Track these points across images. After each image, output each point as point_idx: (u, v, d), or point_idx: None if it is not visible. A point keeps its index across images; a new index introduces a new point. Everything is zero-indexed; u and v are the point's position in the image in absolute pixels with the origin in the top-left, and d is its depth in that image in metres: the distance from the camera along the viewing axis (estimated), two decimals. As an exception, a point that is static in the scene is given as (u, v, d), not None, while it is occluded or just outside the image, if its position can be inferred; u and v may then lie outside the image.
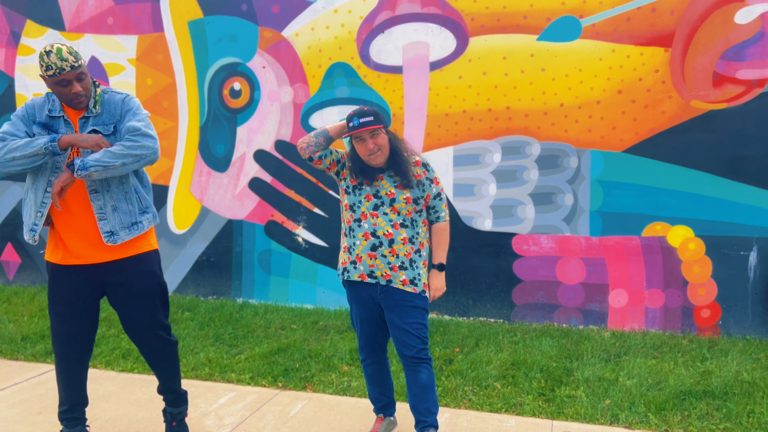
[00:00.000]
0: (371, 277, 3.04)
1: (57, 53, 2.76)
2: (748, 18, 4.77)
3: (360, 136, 2.96)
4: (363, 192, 3.05)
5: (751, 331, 4.90)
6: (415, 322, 3.03)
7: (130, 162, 2.82)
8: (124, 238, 2.95)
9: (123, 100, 2.97)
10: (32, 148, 2.82)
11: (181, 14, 6.06)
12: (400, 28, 5.50)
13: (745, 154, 4.83)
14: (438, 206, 3.10)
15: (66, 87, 2.82)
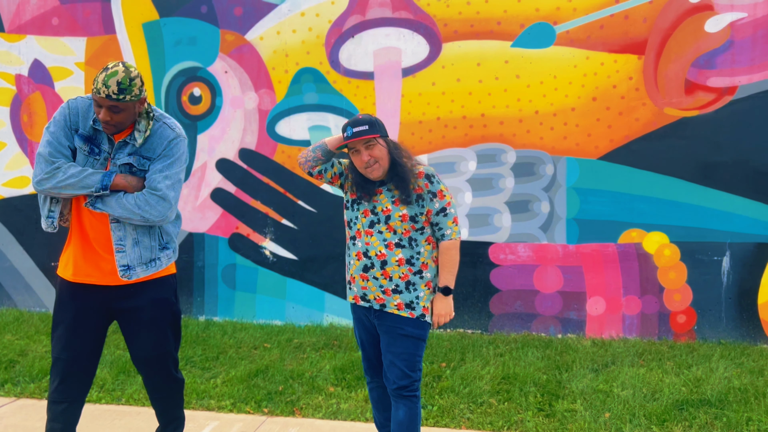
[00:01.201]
0: (364, 300, 2.83)
1: (108, 76, 2.49)
2: (718, 27, 4.84)
3: (355, 147, 2.73)
4: (361, 207, 2.83)
5: (725, 335, 4.96)
6: (403, 353, 2.77)
7: (136, 221, 2.65)
8: (139, 275, 2.72)
9: (170, 141, 2.69)
10: (84, 188, 2.60)
11: (135, 15, 5.70)
12: (370, 33, 5.33)
13: (717, 161, 4.90)
14: (442, 223, 2.78)
15: (96, 107, 2.56)
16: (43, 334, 5.04)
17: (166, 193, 2.63)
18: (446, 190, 2.81)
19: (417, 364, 2.80)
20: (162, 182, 2.63)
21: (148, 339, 2.76)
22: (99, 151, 2.67)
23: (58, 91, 5.85)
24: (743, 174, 4.86)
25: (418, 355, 2.81)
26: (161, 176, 2.64)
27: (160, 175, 2.64)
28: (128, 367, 4.23)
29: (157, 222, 2.65)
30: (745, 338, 4.92)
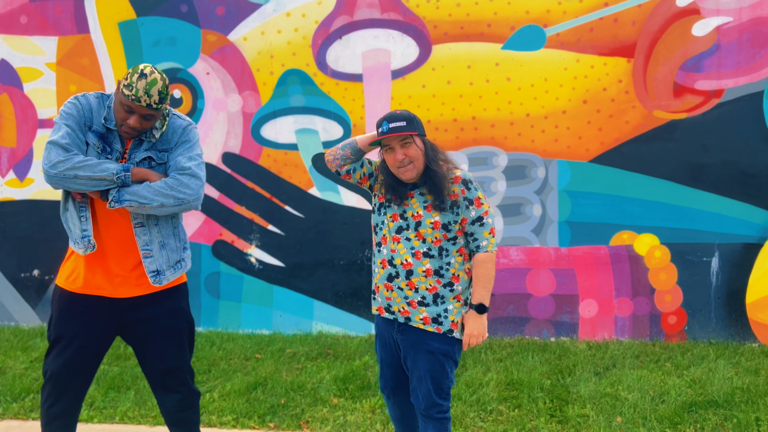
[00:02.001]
0: (388, 311, 2.66)
1: (149, 84, 2.37)
2: (705, 30, 4.91)
3: (389, 145, 2.55)
4: (389, 211, 2.65)
5: (715, 335, 5.02)
6: (430, 370, 2.60)
7: (170, 204, 2.48)
8: (169, 278, 2.60)
9: (184, 129, 2.60)
10: (101, 172, 2.41)
11: (110, 14, 5.46)
12: (358, 34, 5.23)
13: (705, 163, 4.96)
14: (478, 233, 2.59)
15: (126, 113, 2.43)
16: (18, 350, 4.76)
17: (195, 171, 2.53)
18: (484, 198, 2.62)
19: (445, 384, 2.63)
20: (188, 162, 2.53)
21: (164, 349, 2.62)
22: (111, 150, 2.54)
23: (27, 93, 5.57)
24: (731, 175, 4.93)
25: (446, 375, 2.63)
26: (185, 158, 2.54)
27: (184, 157, 2.54)
28: (118, 383, 4.02)
29: (192, 203, 2.51)
30: (734, 338, 4.99)
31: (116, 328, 2.61)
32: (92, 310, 2.56)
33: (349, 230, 5.32)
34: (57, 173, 2.42)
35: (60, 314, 2.59)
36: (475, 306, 2.59)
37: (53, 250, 5.54)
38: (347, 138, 5.22)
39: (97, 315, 2.57)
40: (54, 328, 2.59)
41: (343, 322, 5.36)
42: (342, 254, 5.34)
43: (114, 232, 2.54)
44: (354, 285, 5.34)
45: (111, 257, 2.54)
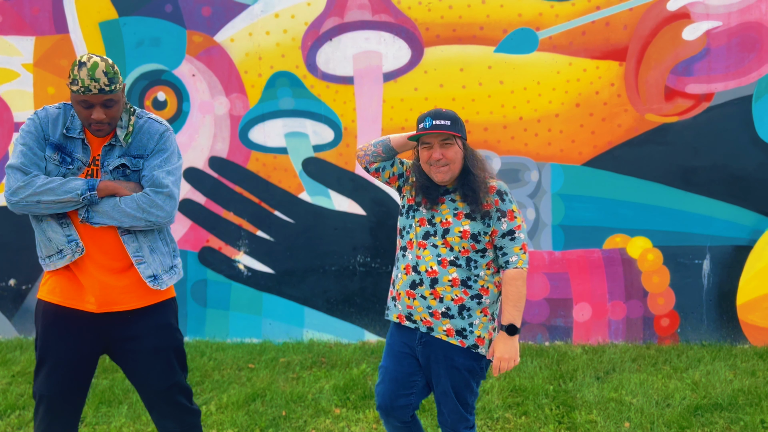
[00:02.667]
0: (409, 320, 2.53)
1: (90, 69, 2.21)
2: (695, 34, 4.94)
3: (428, 142, 2.44)
4: (417, 215, 2.54)
5: (707, 337, 5.05)
6: (454, 386, 2.48)
7: (140, 226, 2.36)
8: (167, 283, 2.47)
9: (162, 134, 2.44)
10: (66, 195, 2.27)
11: (90, 14, 5.27)
12: (349, 36, 5.14)
13: (696, 166, 4.99)
14: (508, 248, 2.45)
15: (87, 109, 2.27)
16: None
17: (172, 190, 2.38)
18: (518, 212, 2.51)
19: (470, 399, 2.54)
20: (166, 178, 2.38)
21: (153, 370, 2.47)
22: (71, 159, 2.37)
23: (2, 95, 5.33)
24: (721, 178, 4.98)
25: (471, 390, 2.53)
26: (163, 172, 2.38)
27: (162, 171, 2.38)
28: (109, 397, 3.85)
29: (164, 224, 2.39)
30: (725, 339, 5.03)
31: (103, 344, 2.47)
32: (77, 325, 2.41)
33: (340, 236, 5.22)
34: (18, 200, 2.29)
35: (44, 331, 2.43)
36: (505, 327, 2.44)
37: (31, 259, 5.31)
38: (338, 142, 5.15)
39: (83, 331, 2.41)
40: (39, 345, 2.44)
41: (335, 329, 5.26)
42: (333, 260, 5.23)
43: (97, 240, 2.38)
44: (346, 291, 5.24)
45: (94, 267, 2.38)
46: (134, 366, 2.47)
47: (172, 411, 2.50)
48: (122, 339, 2.44)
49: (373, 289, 5.22)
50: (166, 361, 2.47)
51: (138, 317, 2.43)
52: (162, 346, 2.46)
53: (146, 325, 2.44)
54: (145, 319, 2.44)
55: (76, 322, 2.40)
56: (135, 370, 2.47)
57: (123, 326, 2.42)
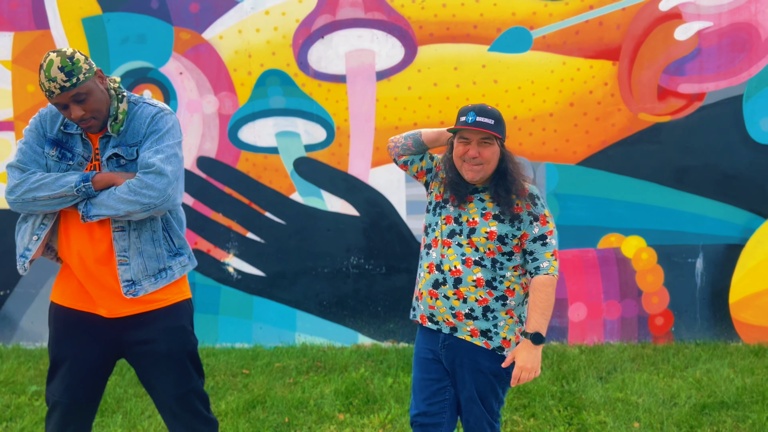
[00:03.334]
0: (431, 321, 2.45)
1: (46, 70, 2.09)
2: (687, 34, 4.97)
3: (466, 137, 2.33)
4: (444, 212, 2.45)
5: (700, 336, 5.07)
6: (480, 391, 2.39)
7: (137, 211, 2.20)
8: (147, 290, 2.30)
9: (153, 116, 2.29)
10: (60, 188, 2.16)
11: (73, 9, 5.09)
12: (341, 34, 5.05)
13: (689, 165, 5.02)
14: (539, 253, 2.36)
15: (64, 110, 2.16)
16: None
17: (161, 167, 2.19)
18: (550, 217, 2.42)
19: (496, 405, 2.45)
20: (153, 157, 2.21)
21: (167, 375, 2.35)
22: (72, 155, 2.27)
23: None
24: (713, 177, 5.00)
25: (497, 395, 2.45)
26: (151, 152, 2.23)
27: (149, 152, 2.24)
28: (102, 406, 3.68)
29: (160, 205, 2.20)
30: (719, 337, 5.05)
31: (116, 349, 2.36)
32: (90, 328, 2.31)
33: (333, 237, 5.11)
34: (15, 199, 2.20)
35: (56, 334, 2.33)
36: (531, 335, 2.32)
37: (8, 265, 5.10)
38: (330, 141, 5.06)
39: (95, 334, 2.32)
40: (52, 349, 2.33)
41: (328, 332, 5.15)
42: (326, 262, 5.13)
43: (102, 240, 2.28)
44: (339, 294, 5.14)
45: (102, 269, 2.27)
46: (148, 371, 2.35)
47: (188, 419, 2.38)
48: (135, 343, 2.32)
49: (367, 291, 5.12)
50: (181, 365, 2.35)
51: (150, 320, 2.32)
52: (175, 350, 2.35)
53: (158, 329, 2.33)
54: (157, 322, 2.33)
55: (88, 326, 2.29)
56: (149, 374, 2.35)
57: (135, 329, 2.31)
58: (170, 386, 2.34)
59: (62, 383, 2.29)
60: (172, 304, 2.36)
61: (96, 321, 2.29)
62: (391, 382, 4.08)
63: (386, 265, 5.11)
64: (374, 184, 5.08)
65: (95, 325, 2.29)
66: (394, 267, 5.11)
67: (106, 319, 2.29)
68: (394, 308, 5.12)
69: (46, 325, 5.09)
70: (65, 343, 2.30)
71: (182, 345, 2.37)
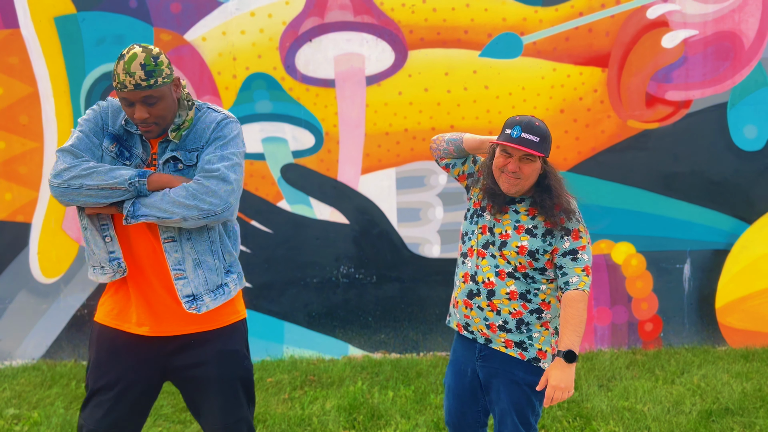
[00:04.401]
0: (467, 330, 2.42)
1: (127, 62, 1.96)
2: (673, 42, 5.02)
3: (509, 151, 2.28)
4: (481, 221, 2.42)
5: (688, 341, 5.12)
6: (515, 403, 2.35)
7: (193, 217, 2.03)
8: (209, 305, 2.13)
9: (219, 123, 2.14)
10: (112, 180, 1.97)
11: (44, 7, 4.82)
12: (330, 37, 4.92)
13: (676, 171, 5.06)
14: (568, 268, 2.29)
15: (129, 108, 2.01)
16: None
17: (225, 173, 2.05)
18: (584, 232, 2.37)
19: (532, 418, 2.39)
20: (217, 162, 2.07)
21: (217, 403, 2.19)
22: (130, 155, 2.12)
23: None
24: (700, 184, 5.06)
25: (533, 407, 2.38)
26: (214, 156, 2.08)
27: (213, 156, 2.08)
28: None
29: (220, 214, 2.04)
30: (706, 342, 5.11)
31: (163, 373, 2.19)
32: (137, 351, 2.13)
33: (322, 246, 4.97)
34: (60, 183, 2.01)
35: (99, 356, 2.15)
36: (564, 353, 2.23)
37: (-26, 276, 4.81)
38: (319, 147, 4.93)
39: (144, 357, 2.14)
40: (91, 373, 2.15)
41: (317, 345, 5.00)
42: (315, 272, 4.98)
43: (148, 252, 2.12)
44: (328, 304, 4.99)
45: (150, 285, 2.11)
46: (196, 396, 2.18)
47: None
48: (184, 367, 2.16)
49: (357, 302, 5.00)
50: (233, 392, 2.19)
51: (202, 342, 2.15)
52: (228, 375, 2.18)
53: (211, 352, 2.16)
54: (209, 345, 2.16)
55: (136, 348, 2.12)
56: (197, 400, 2.19)
57: (186, 352, 2.15)
58: (219, 414, 2.18)
59: (100, 410, 2.10)
60: (227, 325, 2.20)
61: (144, 342, 2.13)
62: (392, 396, 3.96)
63: (377, 275, 4.99)
64: (364, 191, 4.96)
65: (143, 346, 2.13)
66: (385, 276, 4.99)
67: (155, 339, 2.12)
68: (385, 318, 5.01)
69: (17, 341, 4.83)
70: (106, 367, 2.12)
71: (235, 370, 2.21)
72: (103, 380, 2.12)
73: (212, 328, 2.17)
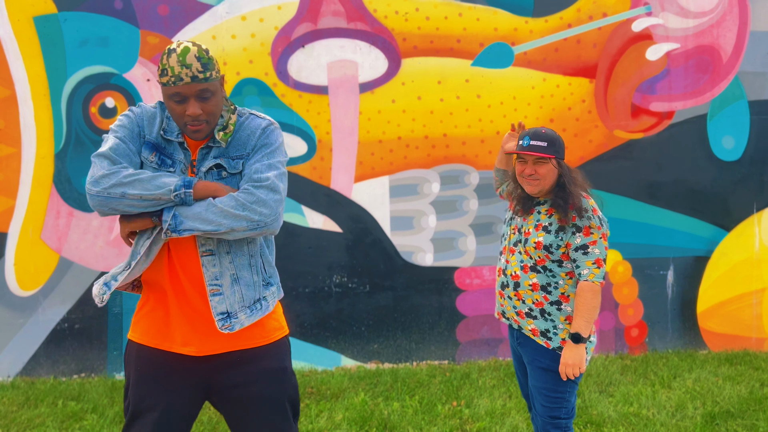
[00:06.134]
0: (504, 316, 2.73)
1: (181, 54, 1.86)
2: (657, 55, 5.16)
3: (524, 158, 2.61)
4: (513, 222, 2.74)
5: (672, 345, 5.25)
6: (543, 388, 2.60)
7: (242, 229, 1.92)
8: (243, 323, 2.01)
9: (264, 129, 2.05)
10: (157, 190, 1.86)
11: (23, 7, 4.60)
12: (323, 44, 4.86)
13: (660, 180, 5.20)
14: (580, 261, 2.52)
15: (180, 104, 1.90)
16: None
17: (275, 183, 1.95)
18: (596, 228, 2.55)
19: (561, 403, 2.57)
20: (267, 171, 1.97)
21: (264, 423, 2.07)
22: (172, 162, 2.00)
23: None
24: (682, 193, 5.21)
25: (561, 392, 2.56)
26: (262, 165, 1.98)
27: (262, 164, 1.99)
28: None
29: (270, 225, 1.94)
30: (689, 346, 5.25)
31: (204, 392, 2.07)
32: (179, 371, 2.01)
33: (314, 255, 4.89)
34: (100, 191, 1.89)
35: (139, 378, 2.01)
36: (571, 335, 2.52)
37: (-56, 289, 4.52)
38: (312, 155, 4.86)
39: (185, 377, 2.02)
40: (133, 395, 2.01)
41: (309, 356, 4.90)
42: (307, 281, 4.89)
43: (188, 266, 2.00)
44: (320, 314, 4.91)
45: (189, 301, 2.00)
46: (241, 417, 2.06)
47: None
48: (228, 386, 2.03)
49: (350, 311, 4.93)
50: (281, 413, 2.08)
51: (247, 360, 2.04)
52: (275, 395, 2.07)
53: (257, 370, 2.04)
54: (255, 363, 2.04)
55: (177, 369, 1.99)
56: (241, 422, 2.07)
57: (229, 371, 2.03)
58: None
59: (141, 428, 1.98)
60: (273, 341, 2.10)
61: (185, 362, 2.00)
62: (398, 407, 3.91)
63: (370, 284, 4.94)
64: (357, 199, 4.91)
65: (188, 366, 2.00)
66: (378, 285, 4.95)
67: (196, 358, 2.00)
68: (378, 328, 4.96)
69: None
70: (150, 388, 1.98)
71: (283, 389, 2.09)
72: (149, 400, 1.99)
73: (258, 345, 2.08)
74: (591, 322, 2.51)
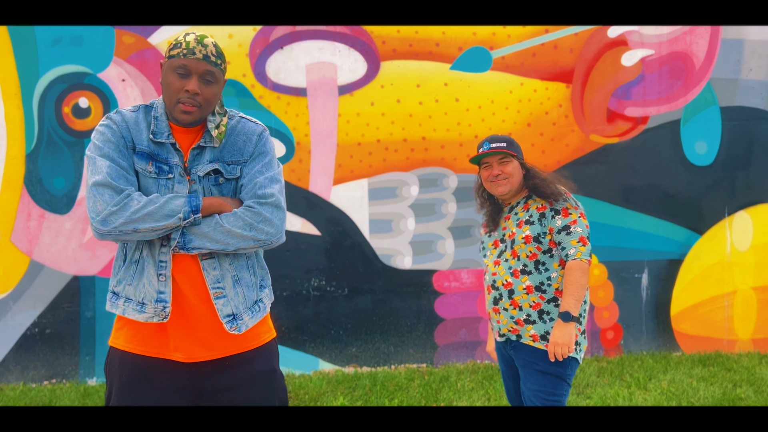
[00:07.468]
0: (500, 335, 2.70)
1: (200, 37, 1.90)
2: (632, 61, 5.24)
3: (488, 162, 2.67)
4: (491, 239, 2.75)
5: (646, 347, 5.32)
6: (539, 391, 2.57)
7: (249, 247, 1.95)
8: (248, 324, 1.99)
9: (260, 136, 2.04)
10: (167, 220, 1.84)
11: (-7, 3, 4.48)
12: (302, 46, 4.83)
13: (635, 185, 5.27)
14: (565, 242, 2.56)
15: (181, 78, 1.87)
16: None
17: (278, 199, 1.97)
18: (573, 209, 2.62)
19: (553, 400, 2.57)
20: (270, 186, 1.97)
21: None
22: (169, 167, 1.95)
23: None
24: (656, 197, 5.29)
25: (557, 395, 2.57)
26: (265, 179, 1.98)
27: (263, 178, 1.98)
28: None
29: (275, 242, 1.98)
30: (663, 348, 5.32)
31: (193, 398, 2.03)
32: (166, 377, 1.95)
33: (292, 258, 4.85)
34: (110, 230, 1.83)
35: (123, 385, 1.94)
36: (561, 314, 2.52)
37: None
38: (290, 157, 4.83)
39: (171, 385, 1.96)
40: (117, 402, 1.95)
41: (286, 360, 4.86)
42: (285, 285, 4.85)
43: (184, 271, 1.96)
44: (298, 318, 4.87)
45: (190, 305, 1.96)
46: None
47: None
48: (216, 390, 1.99)
49: (328, 315, 4.90)
50: None
51: (236, 363, 2.00)
52: (265, 398, 2.04)
53: (247, 373, 2.00)
54: (245, 366, 2.00)
55: (162, 376, 1.93)
56: None
57: (219, 375, 1.98)
58: None
59: None
60: (262, 344, 2.06)
61: (169, 368, 1.95)
62: (378, 411, 3.89)
63: (348, 287, 4.92)
64: (336, 202, 4.89)
65: (169, 373, 1.94)
66: (356, 288, 4.92)
67: (185, 364, 1.96)
68: (356, 331, 4.94)
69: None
70: (137, 396, 1.93)
71: (273, 392, 2.06)
72: None
73: (250, 348, 2.04)
74: (580, 300, 2.53)
